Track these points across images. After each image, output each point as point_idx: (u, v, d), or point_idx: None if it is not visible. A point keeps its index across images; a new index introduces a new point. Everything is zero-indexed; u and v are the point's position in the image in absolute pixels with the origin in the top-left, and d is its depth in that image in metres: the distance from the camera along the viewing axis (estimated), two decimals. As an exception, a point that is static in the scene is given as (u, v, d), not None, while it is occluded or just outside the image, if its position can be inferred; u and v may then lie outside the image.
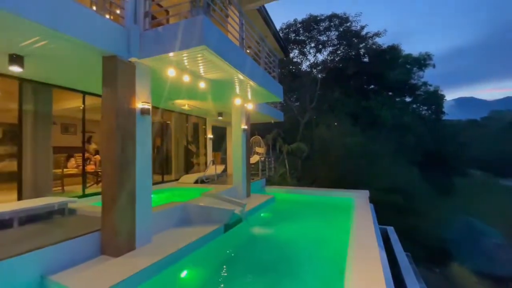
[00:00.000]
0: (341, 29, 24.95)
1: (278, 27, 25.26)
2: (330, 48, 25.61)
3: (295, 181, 14.44)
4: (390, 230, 7.05)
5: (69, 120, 10.81)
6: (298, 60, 26.44)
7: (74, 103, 6.84)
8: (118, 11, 3.98)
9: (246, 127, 7.96)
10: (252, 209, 6.48)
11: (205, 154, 11.78)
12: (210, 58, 3.88)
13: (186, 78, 4.85)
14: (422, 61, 25.21)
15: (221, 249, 4.73)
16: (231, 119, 7.99)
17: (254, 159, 10.87)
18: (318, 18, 24.94)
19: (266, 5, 8.63)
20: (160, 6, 5.02)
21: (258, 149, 12.03)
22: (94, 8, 3.83)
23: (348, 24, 24.96)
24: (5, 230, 3.85)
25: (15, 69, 3.78)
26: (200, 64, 4.26)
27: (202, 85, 5.43)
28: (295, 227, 6.01)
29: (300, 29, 25.46)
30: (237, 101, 7.27)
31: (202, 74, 4.81)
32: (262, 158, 10.79)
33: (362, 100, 23.80)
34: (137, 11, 3.98)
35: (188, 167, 10.57)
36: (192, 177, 9.20)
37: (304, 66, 26.73)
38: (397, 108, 23.50)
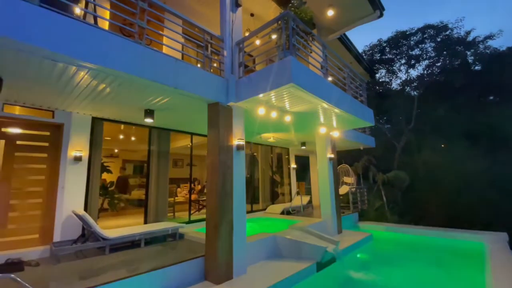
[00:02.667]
0: (439, 39, 21.76)
1: (360, 50, 24.38)
2: (426, 62, 22.48)
3: (396, 217, 12.32)
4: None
5: (178, 156, 13.12)
6: (387, 79, 24.26)
7: (183, 142, 8.30)
8: (215, 64, 4.76)
9: (332, 156, 7.61)
10: (347, 248, 5.86)
11: (289, 184, 11.77)
12: (297, 93, 4.05)
13: (274, 114, 5.17)
14: None
15: (315, 290, 4.39)
16: (315, 148, 7.84)
17: (343, 190, 10.08)
18: (408, 33, 22.69)
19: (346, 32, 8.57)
20: (250, 55, 5.74)
21: (346, 179, 11.16)
22: (199, 65, 4.71)
23: (447, 33, 21.61)
24: (136, 249, 4.79)
25: (148, 120, 4.96)
26: (286, 100, 4.49)
27: (287, 118, 5.65)
28: (402, 274, 5.02)
29: (386, 47, 23.68)
30: (322, 130, 7.14)
31: (288, 108, 5.03)
32: (353, 189, 9.88)
33: (478, 115, 19.14)
34: (233, 63, 4.65)
35: (274, 197, 10.75)
36: (278, 207, 9.27)
37: (394, 84, 24.21)
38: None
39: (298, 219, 7.71)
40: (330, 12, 7.17)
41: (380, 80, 24.36)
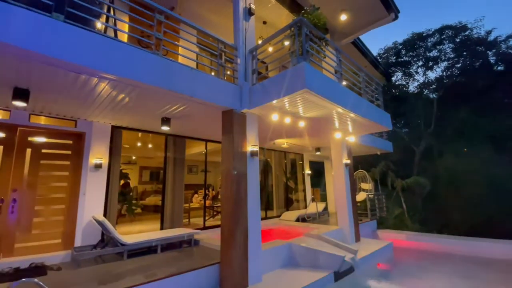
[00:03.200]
0: (458, 40, 21.04)
1: (375, 53, 23.97)
2: (445, 63, 21.74)
3: (417, 225, 11.76)
4: None
5: (192, 162, 13.31)
6: (403, 82, 23.64)
7: (198, 149, 8.42)
8: (228, 72, 4.82)
9: (348, 161, 7.44)
10: (366, 257, 5.65)
11: (304, 190, 11.59)
12: (311, 99, 4.02)
13: (288, 120, 5.14)
14: None
15: (333, 301, 4.24)
16: (330, 153, 7.70)
17: (361, 196, 9.80)
18: (425, 34, 22.11)
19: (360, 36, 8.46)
20: (264, 62, 5.79)
21: (363, 185, 10.85)
22: (213, 73, 4.80)
23: (466, 33, 20.87)
24: (152, 254, 4.85)
25: (165, 128, 5.08)
26: (300, 105, 4.45)
27: (301, 124, 5.60)
28: (426, 287, 4.76)
29: (402, 50, 23.16)
30: (337, 135, 7.01)
31: (302, 114, 4.99)
32: (370, 196, 9.59)
33: (503, 117, 18.14)
34: (246, 70, 4.70)
35: (288, 204, 10.61)
36: (293, 214, 9.13)
37: (412, 87, 23.53)
38: None
39: (314, 226, 7.55)
40: (343, 17, 7.14)
41: (397, 83, 23.79)
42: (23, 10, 2.44)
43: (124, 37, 4.81)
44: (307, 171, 11.66)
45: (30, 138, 4.68)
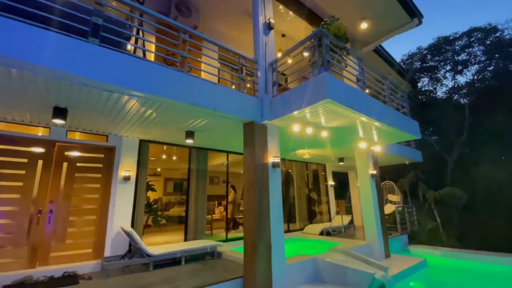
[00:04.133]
0: (488, 42, 19.86)
1: (398, 60, 23.29)
2: (476, 67, 20.51)
3: (453, 240, 10.83)
4: None
5: (214, 174, 13.49)
6: (430, 88, 22.57)
7: (219, 160, 8.55)
8: (248, 85, 4.90)
9: (374, 172, 7.13)
10: (397, 275, 5.27)
11: (327, 202, 11.22)
12: (333, 109, 3.95)
13: (309, 130, 5.08)
14: None
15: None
16: (354, 164, 7.44)
17: (389, 209, 9.28)
18: (451, 38, 21.15)
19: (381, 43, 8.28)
20: (284, 74, 5.85)
21: (391, 197, 10.29)
22: (233, 86, 4.91)
23: (497, 34, 19.68)
24: (177, 266, 4.90)
25: (189, 141, 5.24)
26: (322, 116, 4.39)
27: (324, 134, 5.50)
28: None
29: (428, 55, 22.27)
30: (362, 145, 6.79)
31: (324, 124, 4.91)
32: (399, 208, 9.05)
33: (550, 122, 16.55)
34: (267, 83, 4.76)
35: (311, 216, 10.31)
36: (316, 227, 8.83)
37: (440, 93, 22.38)
38: None
39: (340, 240, 7.24)
40: (364, 25, 7.05)
41: (423, 89, 22.77)
42: (64, 37, 2.69)
43: (151, 56, 5.11)
44: (331, 182, 11.32)
45: (66, 153, 5.03)
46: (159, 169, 12.56)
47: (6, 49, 2.36)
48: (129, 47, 3.88)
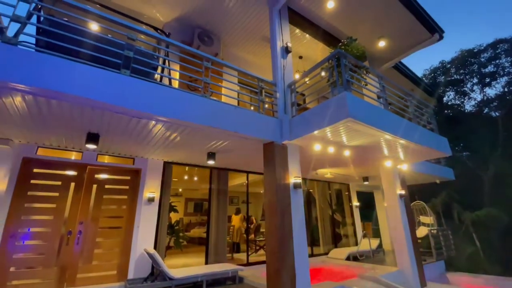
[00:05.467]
0: (517, 52, 19.00)
1: (420, 75, 22.77)
2: (505, 78, 19.49)
3: (497, 266, 9.72)
4: None
5: (233, 194, 13.46)
6: (457, 102, 21.59)
7: (239, 180, 8.55)
8: (266, 105, 4.97)
9: (403, 192, 6.74)
10: (437, 307, 4.77)
11: (353, 224, 10.65)
12: (354, 127, 3.89)
13: (331, 150, 4.99)
14: None
15: None
16: (380, 183, 7.10)
17: (421, 232, 8.62)
18: (476, 50, 20.49)
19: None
20: (303, 94, 5.91)
21: (423, 219, 9.58)
22: (252, 108, 5.01)
23: (524, 45, 18.85)
24: (199, 290, 4.80)
25: (211, 162, 5.33)
26: (343, 135, 4.32)
27: (346, 153, 5.37)
28: None
29: (451, 68, 21.60)
30: (387, 163, 6.51)
31: (346, 143, 4.81)
32: (433, 231, 8.37)
33: None
34: (286, 104, 4.82)
35: (336, 239, 9.79)
36: (342, 251, 8.35)
37: (468, 106, 21.31)
38: None
39: (369, 266, 6.76)
40: (382, 43, 7.05)
41: (449, 103, 21.85)
42: (99, 69, 2.94)
43: (175, 83, 5.41)
44: (355, 202, 10.82)
45: (96, 175, 5.30)
46: (180, 190, 12.78)
47: (48, 82, 2.62)
48: (156, 75, 4.15)
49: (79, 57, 2.96)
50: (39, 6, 3.33)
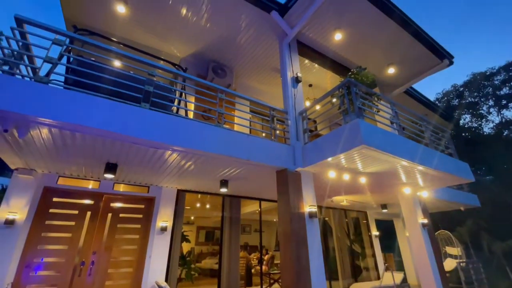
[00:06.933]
0: (531, 74, 18.75)
1: (433, 98, 22.64)
2: (522, 99, 19.07)
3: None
4: None
5: (246, 222, 13.13)
6: (474, 125, 21.05)
7: (251, 207, 8.39)
8: (277, 132, 5.02)
9: (425, 221, 6.36)
10: None
11: (373, 256, 9.96)
12: (369, 154, 3.83)
13: (346, 177, 4.88)
14: None
15: None
16: (400, 211, 6.76)
17: (449, 265, 7.95)
18: (488, 73, 20.41)
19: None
20: (314, 121, 5.98)
21: (450, 250, 8.89)
22: (264, 135, 5.07)
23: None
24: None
25: (223, 190, 5.32)
26: (358, 161, 4.25)
27: (362, 179, 5.23)
28: None
29: (465, 91, 21.43)
30: (406, 190, 6.24)
31: (361, 169, 4.71)
32: (462, 264, 7.70)
33: None
34: (298, 131, 4.86)
35: (356, 273, 9.15)
36: (364, 286, 7.75)
37: (486, 129, 20.68)
38: None
39: (393, 304, 6.19)
40: (391, 70, 7.16)
41: (466, 126, 21.34)
42: (121, 104, 3.14)
43: (190, 113, 5.63)
44: (374, 232, 10.23)
45: (112, 204, 5.37)
46: (192, 217, 12.62)
47: (74, 117, 2.81)
48: (173, 107, 4.35)
49: (103, 92, 3.19)
50: (69, 48, 3.68)
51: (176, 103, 4.62)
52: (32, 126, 2.96)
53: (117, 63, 4.14)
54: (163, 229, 5.39)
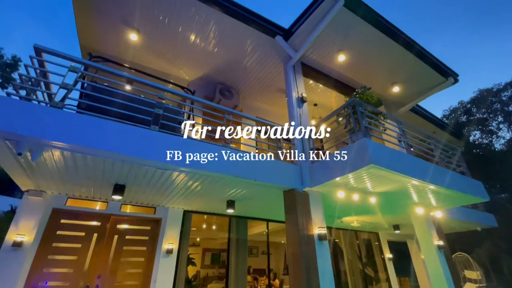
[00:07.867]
0: (538, 89, 18.61)
1: (440, 115, 22.51)
2: (532, 115, 18.78)
3: None
4: None
5: (253, 243, 12.76)
6: (485, 141, 20.64)
7: (258, 229, 8.20)
8: (284, 151, 5.02)
9: (441, 243, 6.07)
10: None
11: (387, 280, 9.41)
12: (378, 173, 3.77)
13: (356, 197, 4.78)
14: None
15: None
16: (413, 232, 6.47)
17: (470, 290, 7.46)
18: (495, 90, 20.36)
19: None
20: (321, 140, 5.96)
21: (469, 274, 8.38)
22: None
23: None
24: None
25: (230, 210, 5.24)
26: (367, 181, 4.18)
27: (372, 200, 5.11)
28: None
29: (472, 108, 21.28)
30: (419, 210, 6.03)
31: (371, 189, 4.62)
32: (484, 290, 7.21)
33: None
34: (304, 150, 4.85)
35: (370, 298, 8.63)
36: (379, 314, 7.27)
37: (498, 145, 20.20)
38: None
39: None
40: (396, 89, 7.22)
41: (476, 142, 20.95)
42: (131, 126, 3.22)
43: (197, 133, 5.71)
44: (387, 254, 9.75)
45: (118, 226, 5.33)
46: (198, 239, 12.35)
47: (86, 140, 2.89)
48: (182, 129, 4.44)
49: (114, 115, 3.30)
50: (84, 75, 3.87)
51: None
52: (44, 149, 3.04)
53: (128, 87, 4.31)
54: (169, 252, 5.28)
